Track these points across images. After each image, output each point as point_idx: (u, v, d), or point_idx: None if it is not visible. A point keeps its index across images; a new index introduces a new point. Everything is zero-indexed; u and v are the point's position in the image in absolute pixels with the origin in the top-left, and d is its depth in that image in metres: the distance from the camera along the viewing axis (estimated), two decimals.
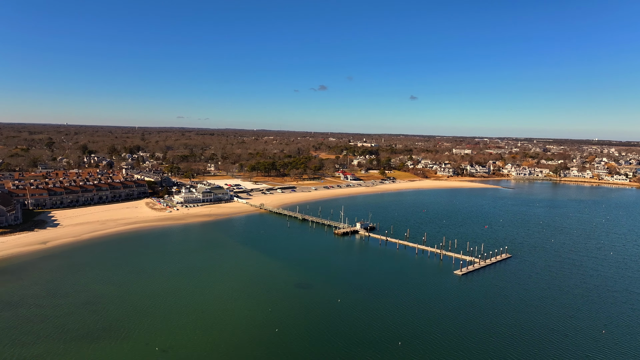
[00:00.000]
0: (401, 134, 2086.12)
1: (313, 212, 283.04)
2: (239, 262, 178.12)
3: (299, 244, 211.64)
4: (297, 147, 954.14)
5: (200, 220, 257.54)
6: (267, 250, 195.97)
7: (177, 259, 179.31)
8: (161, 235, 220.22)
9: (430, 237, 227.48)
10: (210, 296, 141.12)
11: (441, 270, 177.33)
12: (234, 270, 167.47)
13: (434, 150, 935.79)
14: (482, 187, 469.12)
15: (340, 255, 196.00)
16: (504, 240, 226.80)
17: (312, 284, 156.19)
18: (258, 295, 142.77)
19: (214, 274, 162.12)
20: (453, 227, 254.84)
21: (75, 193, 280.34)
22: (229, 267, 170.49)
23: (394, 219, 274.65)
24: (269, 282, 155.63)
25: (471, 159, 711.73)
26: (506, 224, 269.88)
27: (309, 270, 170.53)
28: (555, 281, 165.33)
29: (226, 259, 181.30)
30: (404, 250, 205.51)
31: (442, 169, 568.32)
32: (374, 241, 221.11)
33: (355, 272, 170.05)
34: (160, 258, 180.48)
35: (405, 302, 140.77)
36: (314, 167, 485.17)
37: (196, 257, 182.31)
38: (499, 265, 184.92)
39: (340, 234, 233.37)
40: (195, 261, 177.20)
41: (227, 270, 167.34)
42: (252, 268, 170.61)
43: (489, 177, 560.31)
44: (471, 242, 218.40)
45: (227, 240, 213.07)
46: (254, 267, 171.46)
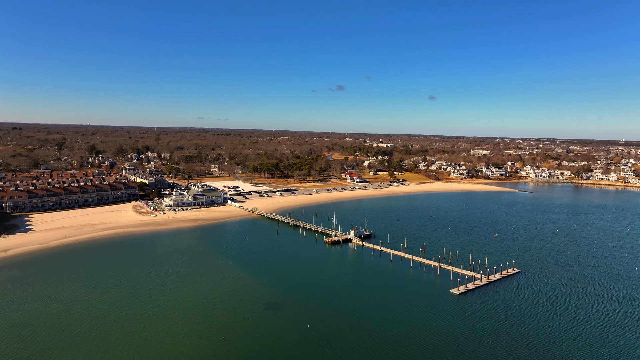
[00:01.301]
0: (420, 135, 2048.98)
1: (308, 217, 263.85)
2: (206, 276, 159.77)
3: (282, 254, 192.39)
4: (309, 148, 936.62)
5: (185, 225, 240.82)
6: (243, 262, 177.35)
7: (139, 271, 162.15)
8: (135, 242, 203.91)
9: (431, 246, 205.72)
10: (161, 319, 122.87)
11: (436, 288, 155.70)
12: (197, 286, 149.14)
13: (450, 151, 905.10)
14: (496, 190, 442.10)
15: (326, 268, 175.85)
16: (512, 251, 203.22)
17: (283, 304, 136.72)
18: (216, 319, 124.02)
19: (173, 291, 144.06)
20: (458, 236, 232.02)
21: (58, 195, 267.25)
22: (193, 283, 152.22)
23: (394, 225, 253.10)
24: (234, 301, 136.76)
25: (488, 160, 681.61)
26: (518, 232, 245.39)
27: (284, 287, 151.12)
28: (567, 305, 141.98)
29: (194, 273, 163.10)
30: (399, 262, 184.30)
31: (455, 170, 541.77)
32: (368, 251, 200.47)
33: (337, 290, 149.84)
34: (122, 270, 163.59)
35: (385, 330, 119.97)
36: (319, 168, 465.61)
37: (161, 270, 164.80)
38: (503, 282, 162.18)
39: (331, 243, 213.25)
40: (158, 274, 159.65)
41: (190, 286, 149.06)
42: (220, 284, 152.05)
43: (505, 179, 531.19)
44: (476, 253, 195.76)
45: (204, 249, 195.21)
46: (222, 283, 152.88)
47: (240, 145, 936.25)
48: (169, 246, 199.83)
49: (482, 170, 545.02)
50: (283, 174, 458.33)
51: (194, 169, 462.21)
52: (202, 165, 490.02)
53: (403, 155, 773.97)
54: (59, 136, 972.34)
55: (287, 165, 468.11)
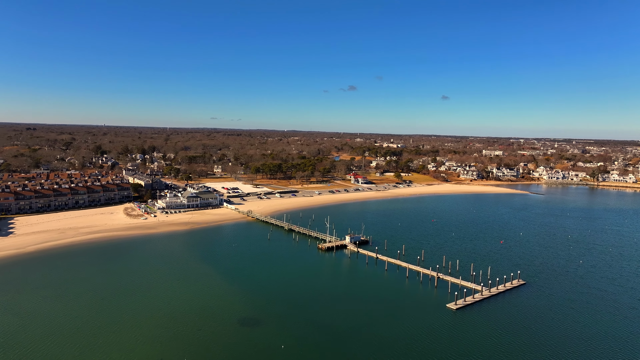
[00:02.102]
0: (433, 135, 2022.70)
1: (305, 221, 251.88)
2: (183, 286, 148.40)
3: (271, 261, 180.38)
4: (317, 148, 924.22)
5: (174, 229, 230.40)
6: (227, 271, 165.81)
7: (113, 280, 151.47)
8: (117, 247, 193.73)
9: (431, 254, 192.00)
10: (121, 336, 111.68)
11: (432, 302, 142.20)
12: (171, 297, 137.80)
13: (462, 152, 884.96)
14: (507, 192, 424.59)
15: (314, 278, 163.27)
16: (519, 260, 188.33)
17: (261, 319, 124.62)
18: (182, 337, 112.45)
19: (143, 303, 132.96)
20: (461, 242, 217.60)
21: (47, 197, 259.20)
22: (166, 293, 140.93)
23: (394, 230, 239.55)
24: (207, 316, 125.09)
25: (500, 160, 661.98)
26: (526, 239, 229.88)
27: (265, 299, 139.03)
28: (576, 323, 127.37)
29: (170, 282, 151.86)
30: (394, 272, 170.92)
31: (465, 171, 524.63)
32: (362, 259, 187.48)
33: (322, 304, 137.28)
34: (95, 278, 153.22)
35: (370, 353, 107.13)
36: (323, 169, 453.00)
37: (136, 278, 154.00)
38: (506, 295, 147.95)
39: (324, 249, 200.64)
40: (132, 283, 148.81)
41: (163, 297, 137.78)
42: (196, 295, 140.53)
43: (516, 180, 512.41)
44: (479, 262, 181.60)
45: (188, 256, 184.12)
46: (198, 294, 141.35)
47: (248, 145, 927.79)
48: (151, 252, 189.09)
49: (492, 171, 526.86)
50: (286, 175, 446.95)
51: (196, 170, 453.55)
52: (203, 166, 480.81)
53: (413, 155, 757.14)
54: (69, 136, 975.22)
55: (291, 166, 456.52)
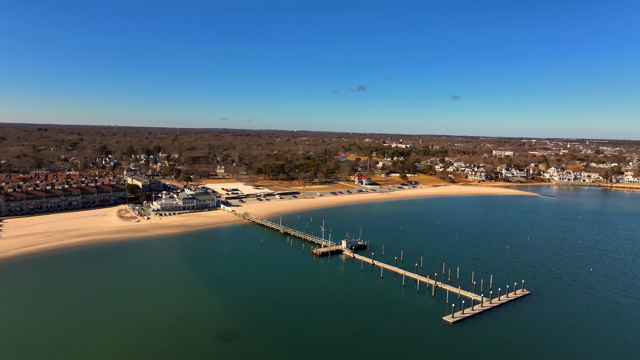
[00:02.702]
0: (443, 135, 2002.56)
1: (302, 224, 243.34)
2: (164, 294, 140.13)
3: (261, 268, 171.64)
4: (324, 149, 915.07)
5: (166, 232, 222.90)
6: (212, 278, 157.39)
7: (91, 287, 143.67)
8: (104, 252, 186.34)
9: (431, 260, 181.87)
10: (88, 352, 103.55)
11: (428, 313, 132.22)
12: (148, 307, 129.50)
13: (471, 152, 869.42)
14: (516, 193, 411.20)
15: (305, 286, 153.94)
16: (524, 267, 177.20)
17: (240, 333, 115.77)
18: (153, 352, 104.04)
19: (118, 313, 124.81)
20: (464, 247, 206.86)
21: (39, 198, 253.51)
22: (145, 303, 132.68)
23: (394, 234, 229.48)
24: (184, 328, 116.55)
25: (510, 161, 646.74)
26: (533, 244, 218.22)
27: (249, 310, 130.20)
28: (583, 340, 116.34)
29: (150, 290, 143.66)
30: (391, 279, 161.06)
31: (473, 172, 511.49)
32: (358, 265, 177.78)
33: (310, 315, 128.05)
34: (73, 285, 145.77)
35: None
36: (327, 170, 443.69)
37: (116, 286, 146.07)
38: (509, 307, 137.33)
39: (319, 255, 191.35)
40: (110, 291, 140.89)
41: (140, 307, 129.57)
42: (175, 305, 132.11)
43: (526, 182, 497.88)
44: (481, 269, 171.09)
45: (174, 261, 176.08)
46: (177, 304, 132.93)
47: (255, 145, 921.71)
48: (137, 257, 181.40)
49: (501, 172, 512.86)
50: (289, 175, 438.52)
51: (198, 171, 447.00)
52: (206, 167, 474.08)
53: (421, 156, 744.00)
54: (76, 137, 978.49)
55: (294, 167, 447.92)
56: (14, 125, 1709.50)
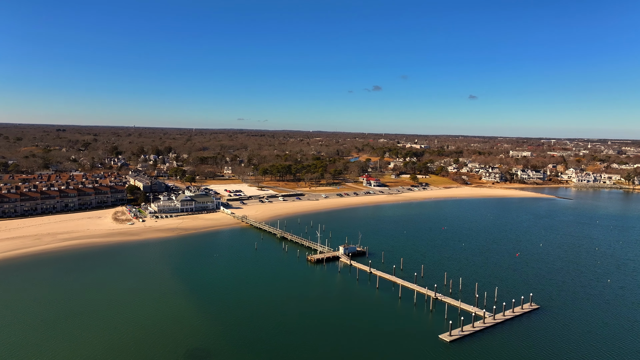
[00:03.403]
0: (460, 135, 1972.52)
1: (302, 228, 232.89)
2: (139, 306, 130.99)
3: (249, 276, 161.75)
4: (336, 149, 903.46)
5: (158, 236, 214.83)
6: (195, 287, 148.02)
7: (63, 298, 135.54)
8: (88, 256, 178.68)
9: (433, 268, 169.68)
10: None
11: (423, 330, 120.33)
12: (119, 321, 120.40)
13: (487, 152, 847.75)
14: (531, 196, 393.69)
15: (294, 297, 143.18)
16: (534, 278, 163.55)
17: (214, 350, 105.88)
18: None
19: (84, 328, 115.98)
20: (471, 255, 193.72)
21: (33, 200, 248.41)
22: (116, 316, 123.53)
23: (397, 239, 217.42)
24: (153, 346, 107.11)
25: (527, 162, 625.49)
26: (546, 251, 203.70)
27: (227, 325, 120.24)
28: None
29: (125, 301, 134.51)
30: (389, 290, 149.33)
31: (487, 173, 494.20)
32: (355, 273, 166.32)
33: (295, 332, 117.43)
34: (45, 295, 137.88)
35: None
36: (334, 171, 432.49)
37: (89, 297, 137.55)
38: (514, 324, 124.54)
39: (314, 261, 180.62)
40: (81, 303, 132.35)
41: (110, 321, 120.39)
42: (150, 318, 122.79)
43: (543, 183, 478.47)
44: (487, 279, 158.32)
45: (159, 268, 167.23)
46: (152, 317, 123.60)
47: (267, 145, 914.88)
48: (121, 262, 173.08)
49: (517, 173, 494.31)
50: (295, 176, 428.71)
51: (205, 171, 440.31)
52: (210, 167, 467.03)
53: (435, 156, 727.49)
54: (90, 137, 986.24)
55: (301, 167, 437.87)
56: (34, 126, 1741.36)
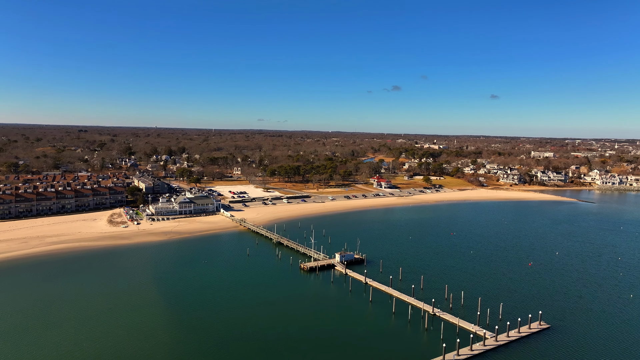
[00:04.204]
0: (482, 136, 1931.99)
1: (301, 232, 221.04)
2: (108, 319, 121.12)
3: (235, 286, 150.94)
4: (352, 149, 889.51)
5: (150, 240, 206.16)
6: (173, 298, 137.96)
7: (31, 309, 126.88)
8: (70, 262, 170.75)
9: (435, 279, 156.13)
10: None
11: (416, 352, 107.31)
12: (83, 336, 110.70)
13: (507, 153, 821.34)
14: (551, 199, 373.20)
15: (279, 309, 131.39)
16: (546, 291, 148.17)
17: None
18: None
19: (44, 344, 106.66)
20: (478, 263, 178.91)
21: (29, 202, 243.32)
22: (81, 330, 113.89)
23: (400, 245, 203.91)
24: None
25: (548, 163, 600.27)
26: (563, 260, 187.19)
27: (199, 345, 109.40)
28: None
29: (94, 314, 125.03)
30: (384, 303, 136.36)
31: (505, 175, 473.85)
32: (350, 283, 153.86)
33: (268, 351, 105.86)
34: (14, 305, 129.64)
35: None
36: (343, 172, 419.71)
37: (59, 307, 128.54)
38: (519, 347, 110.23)
39: (307, 270, 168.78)
40: (49, 314, 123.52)
41: (73, 336, 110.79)
42: (114, 334, 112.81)
43: (564, 186, 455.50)
44: (493, 292, 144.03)
45: (140, 275, 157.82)
46: (118, 332, 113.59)
47: (281, 146, 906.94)
48: (102, 269, 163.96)
49: (536, 175, 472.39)
50: (304, 178, 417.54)
51: (213, 172, 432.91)
52: (218, 168, 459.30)
53: (452, 157, 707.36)
54: (108, 137, 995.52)
55: (310, 168, 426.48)
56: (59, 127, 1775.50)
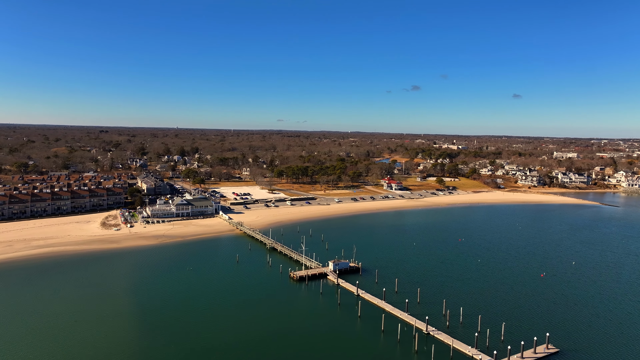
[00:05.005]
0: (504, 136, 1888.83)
1: (299, 237, 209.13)
2: (68, 334, 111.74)
3: (217, 296, 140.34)
4: (367, 150, 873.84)
5: (140, 244, 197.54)
6: (145, 308, 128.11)
7: None
8: (50, 268, 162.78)
9: (434, 291, 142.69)
10: None
11: None
12: (38, 355, 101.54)
13: (528, 154, 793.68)
14: (572, 202, 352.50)
15: (259, 324, 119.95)
16: (557, 308, 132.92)
17: None
18: None
19: None
20: (483, 274, 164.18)
21: (23, 203, 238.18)
22: (37, 348, 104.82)
23: (402, 252, 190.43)
24: None
25: (571, 164, 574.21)
26: (579, 271, 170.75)
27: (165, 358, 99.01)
28: None
29: (56, 328, 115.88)
30: (375, 319, 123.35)
31: (524, 177, 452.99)
32: (342, 294, 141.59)
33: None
34: None
35: None
36: (353, 173, 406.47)
37: (22, 320, 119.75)
38: None
39: (296, 279, 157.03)
40: (8, 330, 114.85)
41: (26, 356, 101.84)
42: (71, 352, 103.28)
43: (587, 188, 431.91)
44: (496, 309, 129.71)
45: (116, 284, 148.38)
46: (75, 350, 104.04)
47: (296, 146, 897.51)
48: (79, 277, 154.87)
49: (557, 176, 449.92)
50: (312, 179, 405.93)
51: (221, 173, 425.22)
52: (226, 169, 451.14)
53: (470, 158, 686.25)
54: (124, 138, 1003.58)
55: (319, 169, 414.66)
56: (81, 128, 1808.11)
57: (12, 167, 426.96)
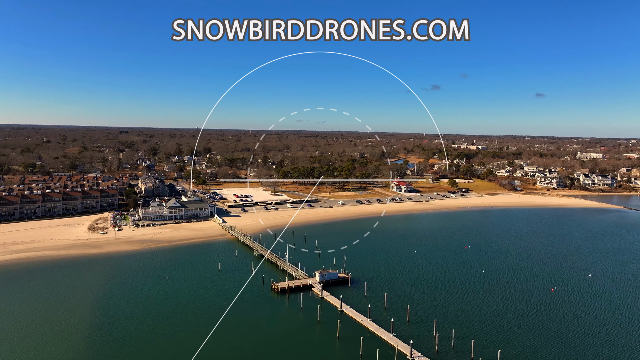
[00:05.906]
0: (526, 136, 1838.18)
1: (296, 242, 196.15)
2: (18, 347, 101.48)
3: (190, 309, 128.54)
4: (382, 150, 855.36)
5: (121, 250, 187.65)
6: (100, 326, 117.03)
7: None
8: (23, 274, 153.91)
9: (426, 308, 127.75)
10: None
11: None
12: None
13: (549, 154, 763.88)
14: (594, 206, 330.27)
15: (219, 349, 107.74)
16: (566, 332, 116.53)
17: None
18: None
19: None
20: (486, 288, 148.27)
21: (11, 204, 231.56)
22: None
23: (400, 261, 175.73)
24: None
25: (594, 165, 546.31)
26: (594, 285, 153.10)
27: None
28: None
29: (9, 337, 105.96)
30: (354, 340, 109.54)
31: (543, 178, 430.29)
32: (325, 309, 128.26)
33: None
34: None
35: None
36: (360, 174, 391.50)
37: None
38: None
39: (278, 291, 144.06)
40: None
41: None
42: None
43: (610, 191, 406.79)
44: (495, 330, 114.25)
45: (82, 294, 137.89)
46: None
47: (310, 146, 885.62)
48: (45, 286, 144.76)
49: (578, 178, 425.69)
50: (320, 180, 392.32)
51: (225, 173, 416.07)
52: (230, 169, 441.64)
53: (488, 158, 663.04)
54: (140, 138, 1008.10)
55: (326, 170, 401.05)
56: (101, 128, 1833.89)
57: (20, 167, 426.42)
